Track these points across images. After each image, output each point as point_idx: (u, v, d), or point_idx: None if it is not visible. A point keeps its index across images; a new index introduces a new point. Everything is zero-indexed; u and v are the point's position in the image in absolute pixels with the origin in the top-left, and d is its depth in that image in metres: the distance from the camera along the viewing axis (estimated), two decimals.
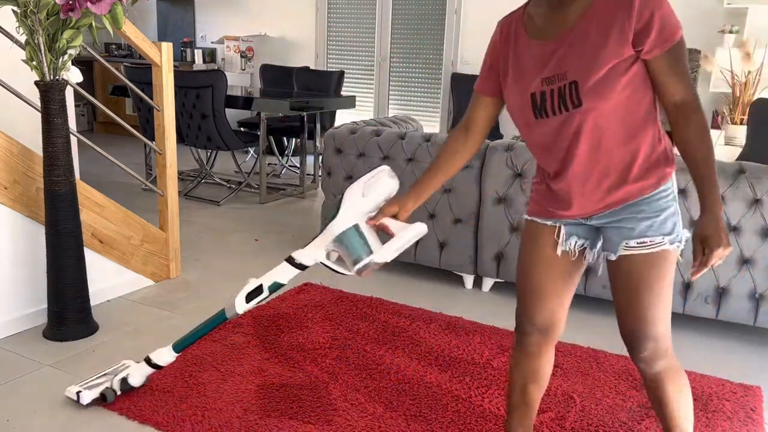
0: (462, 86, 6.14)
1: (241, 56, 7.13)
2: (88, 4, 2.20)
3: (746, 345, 2.82)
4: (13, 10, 2.30)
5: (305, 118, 5.24)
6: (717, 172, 1.42)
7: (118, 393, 2.13)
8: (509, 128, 6.09)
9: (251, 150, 6.67)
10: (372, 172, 1.72)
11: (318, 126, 5.40)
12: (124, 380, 2.13)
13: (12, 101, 2.60)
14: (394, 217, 1.68)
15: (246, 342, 2.59)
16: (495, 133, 5.86)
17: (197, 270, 3.42)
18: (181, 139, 4.86)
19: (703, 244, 1.37)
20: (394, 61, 6.64)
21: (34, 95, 2.49)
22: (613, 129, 1.43)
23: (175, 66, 3.42)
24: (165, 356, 2.13)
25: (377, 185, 1.70)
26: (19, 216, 2.54)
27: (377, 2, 6.58)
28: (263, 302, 1.92)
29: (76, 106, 6.96)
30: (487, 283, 3.30)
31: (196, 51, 7.48)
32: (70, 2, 2.18)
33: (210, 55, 7.51)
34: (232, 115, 5.32)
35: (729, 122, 4.96)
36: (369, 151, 3.38)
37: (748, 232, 2.68)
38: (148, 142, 3.47)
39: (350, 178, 3.44)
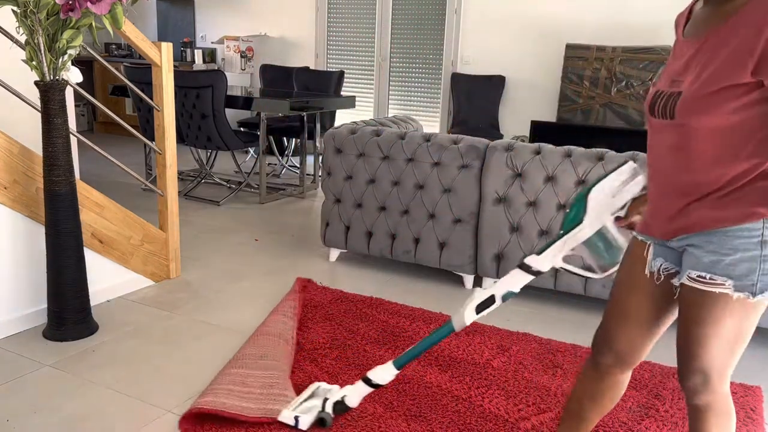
0: (462, 86, 6.14)
1: (241, 56, 7.13)
2: (88, 4, 2.20)
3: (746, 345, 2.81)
4: (13, 10, 2.30)
5: (305, 118, 5.24)
6: None
7: (333, 416, 2.05)
8: (509, 128, 6.09)
9: (251, 150, 6.67)
10: (619, 169, 1.60)
11: (318, 126, 5.40)
12: (339, 402, 2.04)
13: (12, 101, 2.61)
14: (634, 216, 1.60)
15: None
16: (495, 133, 5.87)
17: (197, 270, 3.42)
18: (181, 139, 4.87)
19: None
20: (394, 61, 6.64)
21: (34, 95, 2.49)
22: (708, 150, 1.31)
23: (175, 66, 3.42)
24: (385, 374, 1.98)
25: (625, 183, 1.60)
26: (19, 216, 2.54)
27: (377, 2, 6.58)
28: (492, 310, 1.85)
29: (76, 106, 6.97)
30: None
31: (196, 51, 7.48)
32: (70, 2, 2.18)
33: (210, 55, 7.51)
34: (232, 115, 5.33)
35: None
36: (369, 151, 3.38)
37: None
38: (148, 142, 3.47)
39: (350, 178, 3.44)
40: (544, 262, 1.70)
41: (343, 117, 6.41)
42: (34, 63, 2.37)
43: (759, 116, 1.27)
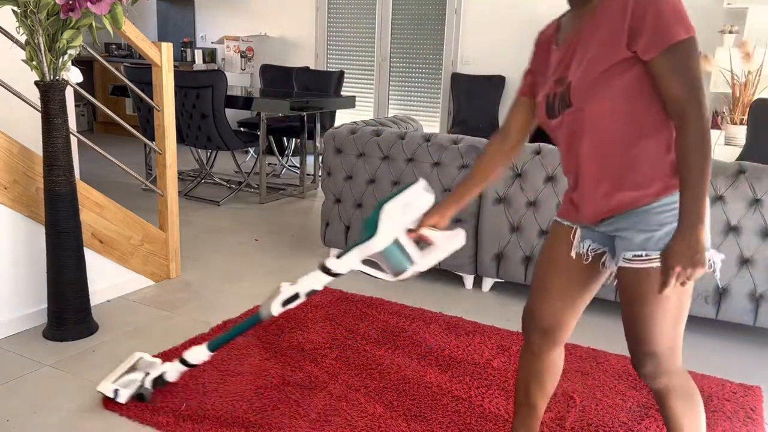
0: (462, 86, 6.14)
1: (241, 56, 7.13)
2: (88, 4, 2.20)
3: (746, 345, 2.82)
4: (13, 10, 2.30)
5: (305, 118, 5.24)
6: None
7: (153, 391, 2.15)
8: None
9: (251, 150, 6.67)
10: (410, 187, 1.75)
11: (318, 126, 5.40)
12: (159, 378, 2.14)
13: (12, 101, 2.61)
14: (434, 226, 1.73)
15: (246, 342, 2.58)
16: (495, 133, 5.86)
17: (197, 270, 3.42)
18: (181, 139, 4.87)
19: (663, 259, 1.31)
20: (394, 61, 6.64)
21: (34, 95, 2.49)
22: (612, 132, 1.40)
23: (175, 66, 3.42)
24: (200, 355, 2.13)
25: (415, 201, 1.74)
26: (19, 216, 2.54)
27: (377, 2, 6.58)
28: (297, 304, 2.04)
29: (76, 106, 6.96)
30: (487, 283, 3.30)
31: (196, 51, 7.48)
32: (70, 2, 2.18)
33: (210, 55, 7.51)
34: (232, 115, 5.33)
35: (729, 122, 4.96)
36: (369, 151, 3.38)
37: (748, 232, 2.69)
38: (148, 142, 3.47)
39: (350, 178, 3.44)
40: (342, 266, 1.87)
41: (343, 117, 6.41)
42: (34, 63, 2.37)
43: (648, 91, 1.35)
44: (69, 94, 3.24)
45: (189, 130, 4.88)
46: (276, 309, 1.99)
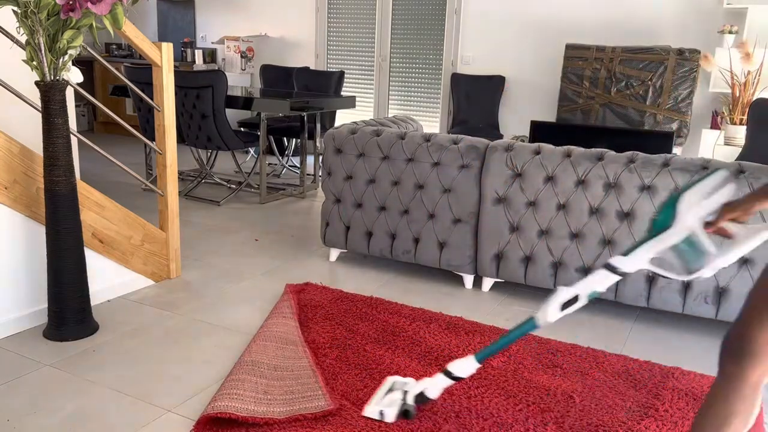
0: (462, 86, 6.14)
1: (242, 56, 7.13)
2: (89, 4, 2.21)
3: None
4: (13, 10, 2.30)
5: (305, 118, 5.24)
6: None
7: (416, 407, 2.11)
8: (509, 128, 6.10)
9: (251, 150, 6.67)
10: (710, 176, 1.65)
11: (318, 126, 5.40)
12: (421, 394, 2.08)
13: (12, 101, 2.61)
14: (734, 220, 1.61)
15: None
16: (495, 133, 5.87)
17: (197, 270, 3.42)
18: (181, 139, 4.87)
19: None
20: (394, 61, 6.64)
21: (34, 95, 2.50)
22: None
23: (175, 66, 3.42)
24: (467, 367, 2.02)
25: (715, 191, 1.65)
26: (19, 216, 2.55)
27: (377, 2, 6.58)
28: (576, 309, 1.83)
29: (76, 106, 6.97)
30: (487, 283, 3.30)
31: (196, 51, 7.48)
32: (71, 2, 2.18)
33: (210, 55, 7.51)
34: (232, 115, 5.33)
35: (729, 122, 4.96)
36: (369, 151, 3.38)
37: None
38: (148, 142, 3.47)
39: (350, 178, 3.45)
40: (631, 263, 1.72)
41: (343, 117, 6.41)
42: (34, 63, 2.37)
43: None
44: (69, 94, 3.24)
45: (189, 130, 4.88)
46: (553, 314, 1.84)
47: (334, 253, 3.67)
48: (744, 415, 1.52)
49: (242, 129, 5.89)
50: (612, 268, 1.76)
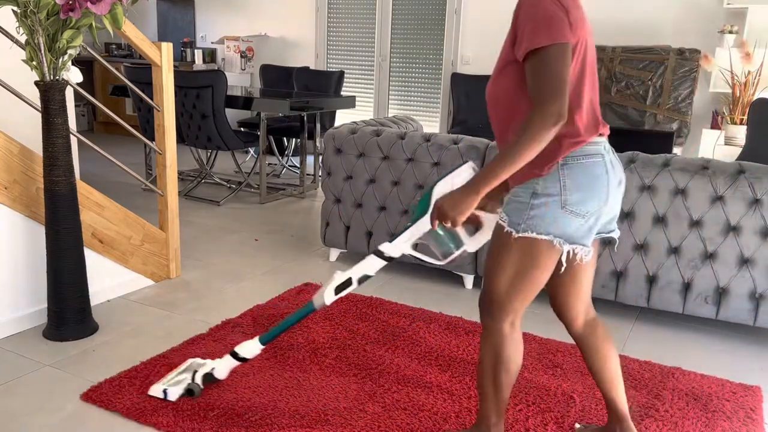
0: (462, 86, 6.14)
1: (241, 56, 7.13)
2: (88, 4, 2.21)
3: (746, 345, 2.82)
4: (13, 10, 2.30)
5: (305, 118, 5.24)
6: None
7: (202, 387, 2.18)
8: None
9: (251, 150, 6.67)
10: (457, 169, 1.80)
11: (318, 126, 5.40)
12: (208, 374, 2.17)
13: (12, 101, 2.61)
14: (482, 208, 1.82)
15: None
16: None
17: (197, 270, 3.42)
18: (181, 139, 4.87)
19: (434, 205, 1.64)
20: (394, 61, 6.64)
21: (34, 95, 2.50)
22: (502, 120, 1.65)
23: (175, 66, 3.42)
24: (252, 348, 2.14)
25: (464, 181, 1.79)
26: (19, 216, 2.54)
27: (377, 2, 6.58)
28: (351, 292, 2.01)
29: (76, 106, 6.96)
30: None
31: (196, 51, 7.48)
32: (70, 2, 2.18)
33: (210, 55, 7.51)
34: (232, 115, 5.33)
35: (729, 122, 4.96)
36: (369, 151, 3.38)
37: (748, 232, 2.68)
38: (148, 142, 3.47)
39: (350, 178, 3.45)
40: (396, 249, 1.91)
41: (343, 117, 6.41)
42: (34, 63, 2.37)
43: (523, 88, 1.56)
44: (69, 94, 3.24)
45: (189, 130, 4.88)
46: (329, 297, 1.98)
47: (334, 253, 3.67)
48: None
49: (242, 129, 5.89)
50: (380, 254, 1.93)
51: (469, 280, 3.34)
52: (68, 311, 2.56)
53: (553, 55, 1.46)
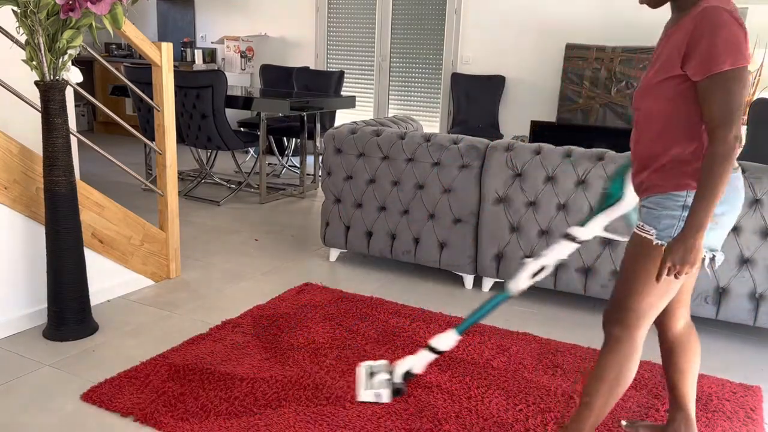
0: (462, 86, 6.14)
1: (241, 56, 7.13)
2: (88, 4, 2.20)
3: (746, 345, 2.82)
4: (13, 10, 2.30)
5: (305, 118, 5.24)
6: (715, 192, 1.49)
7: (406, 383, 2.14)
8: (509, 128, 6.09)
9: (251, 150, 6.67)
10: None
11: (318, 126, 5.40)
12: (408, 372, 2.12)
13: (12, 101, 2.61)
14: None
15: (246, 342, 2.59)
16: (495, 133, 5.87)
17: (197, 270, 3.42)
18: (181, 139, 4.86)
19: (664, 253, 1.57)
20: (394, 61, 6.64)
21: (34, 95, 2.50)
22: (652, 129, 1.64)
23: (175, 66, 3.42)
24: (448, 340, 2.10)
25: None
26: (19, 216, 2.54)
27: (377, 2, 6.58)
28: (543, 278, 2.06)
29: (76, 106, 6.96)
30: (487, 283, 3.30)
31: (196, 51, 7.48)
32: (70, 2, 2.18)
33: (210, 55, 7.51)
34: (232, 115, 5.33)
35: None
36: (369, 151, 3.38)
37: (748, 232, 2.68)
38: (148, 142, 3.47)
39: (350, 178, 3.45)
40: (587, 232, 1.94)
41: (343, 117, 6.41)
42: (34, 63, 2.37)
43: (688, 106, 1.56)
44: (69, 94, 3.24)
45: (189, 130, 4.88)
46: (524, 283, 2.01)
47: (334, 253, 3.67)
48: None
49: (242, 129, 5.89)
50: (572, 238, 1.96)
51: (469, 280, 3.34)
52: (68, 311, 2.56)
53: (734, 79, 1.47)
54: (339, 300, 3.05)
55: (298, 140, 6.05)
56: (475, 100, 6.10)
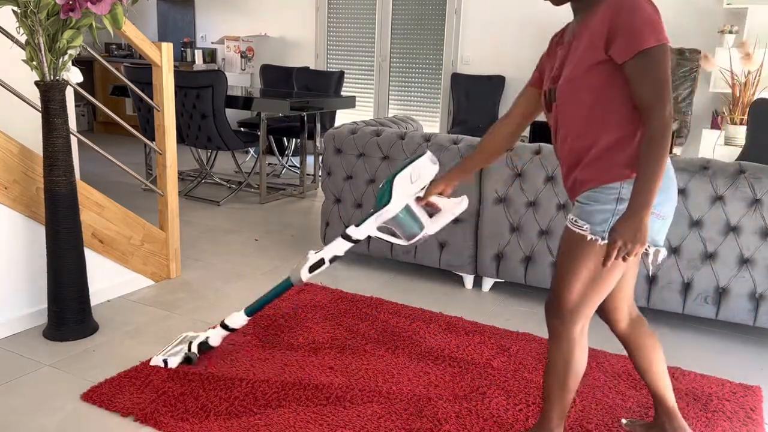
0: (462, 86, 6.14)
1: (241, 56, 7.13)
2: (89, 4, 2.21)
3: (746, 345, 2.82)
4: (13, 10, 2.30)
5: (305, 118, 5.24)
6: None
7: (198, 355, 2.37)
8: None
9: (251, 150, 6.67)
10: (417, 160, 2.02)
11: (318, 126, 5.40)
12: (203, 343, 2.37)
13: (12, 101, 2.61)
14: (440, 194, 2.03)
15: (246, 341, 2.59)
16: None
17: (197, 270, 3.42)
18: (181, 139, 4.86)
19: (609, 235, 1.54)
20: (394, 61, 6.64)
21: (34, 95, 2.50)
22: (578, 124, 1.63)
23: (175, 66, 3.42)
24: (238, 320, 2.37)
25: (423, 171, 2.02)
26: (19, 216, 2.54)
27: (377, 2, 6.58)
28: (322, 271, 2.24)
29: (76, 106, 6.96)
30: (487, 283, 3.30)
31: (196, 51, 7.48)
32: (71, 2, 2.18)
33: (210, 55, 7.51)
34: (232, 115, 5.33)
35: (729, 122, 4.96)
36: (369, 151, 3.38)
37: (748, 232, 2.68)
38: (148, 142, 3.48)
39: (350, 178, 3.45)
40: (361, 232, 2.13)
41: (343, 117, 6.41)
42: (34, 63, 2.37)
43: (615, 92, 1.56)
44: (69, 94, 3.24)
45: (189, 130, 4.88)
46: (305, 275, 2.20)
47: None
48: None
49: (242, 129, 5.89)
50: (347, 237, 2.15)
51: (469, 280, 3.34)
52: (68, 311, 2.56)
53: (661, 54, 1.48)
54: (339, 300, 3.05)
55: (298, 140, 6.05)
56: (475, 100, 6.10)
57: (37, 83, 2.39)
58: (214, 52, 7.53)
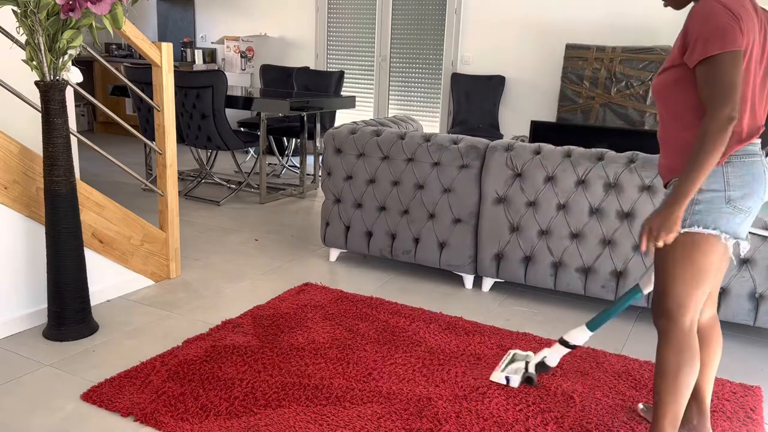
0: (462, 86, 6.14)
1: (241, 56, 7.13)
2: (89, 4, 2.21)
3: (746, 345, 2.82)
4: (13, 10, 2.30)
5: (305, 118, 5.24)
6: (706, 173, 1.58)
7: (537, 375, 2.35)
8: (509, 128, 6.09)
9: (251, 150, 6.67)
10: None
11: (318, 126, 5.40)
12: (542, 363, 2.31)
13: (12, 101, 2.61)
14: None
15: (246, 342, 2.59)
16: (495, 133, 5.87)
17: (197, 270, 3.42)
18: (181, 139, 4.87)
19: (643, 222, 1.68)
20: (394, 61, 6.64)
21: (34, 95, 2.50)
22: (666, 114, 1.75)
23: (175, 66, 3.42)
24: (581, 336, 2.22)
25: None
26: (19, 216, 2.54)
27: (377, 2, 6.58)
28: None
29: (76, 106, 6.97)
30: (487, 283, 3.30)
31: (196, 51, 7.48)
32: (71, 2, 2.18)
33: (210, 55, 7.51)
34: (232, 115, 5.33)
35: None
36: (369, 151, 3.38)
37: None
38: (148, 142, 3.47)
39: (350, 178, 3.45)
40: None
41: (343, 117, 6.41)
42: (34, 63, 2.37)
43: (690, 92, 1.66)
44: (69, 94, 3.24)
45: (189, 130, 4.88)
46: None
47: (334, 253, 3.67)
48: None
49: (242, 129, 5.89)
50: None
51: (469, 280, 3.34)
52: (68, 311, 2.56)
53: (724, 62, 1.56)
54: (339, 300, 3.05)
55: (298, 140, 6.05)
56: (475, 100, 6.10)
57: (37, 83, 2.39)
58: (214, 52, 7.53)
